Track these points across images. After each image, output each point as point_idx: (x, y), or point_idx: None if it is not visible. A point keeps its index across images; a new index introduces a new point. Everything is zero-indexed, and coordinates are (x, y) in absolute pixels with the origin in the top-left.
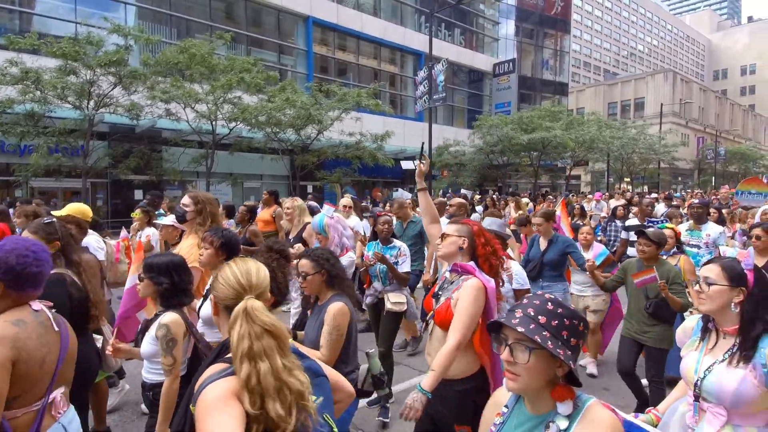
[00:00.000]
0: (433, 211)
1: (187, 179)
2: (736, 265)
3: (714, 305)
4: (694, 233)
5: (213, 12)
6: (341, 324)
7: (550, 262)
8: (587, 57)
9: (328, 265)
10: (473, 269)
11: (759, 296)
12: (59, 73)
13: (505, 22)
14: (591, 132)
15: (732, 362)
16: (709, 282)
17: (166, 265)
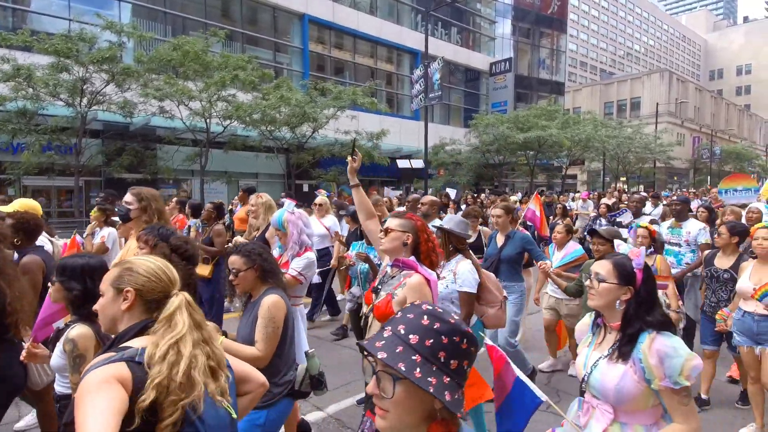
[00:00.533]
0: (367, 208)
1: (182, 177)
2: (627, 263)
3: (602, 302)
4: (675, 231)
5: (208, 9)
6: (277, 316)
7: (507, 258)
8: (584, 56)
9: (260, 259)
10: (415, 264)
11: (643, 296)
12: (51, 70)
13: (501, 21)
14: (587, 131)
15: (612, 358)
16: (599, 278)
17: (80, 268)
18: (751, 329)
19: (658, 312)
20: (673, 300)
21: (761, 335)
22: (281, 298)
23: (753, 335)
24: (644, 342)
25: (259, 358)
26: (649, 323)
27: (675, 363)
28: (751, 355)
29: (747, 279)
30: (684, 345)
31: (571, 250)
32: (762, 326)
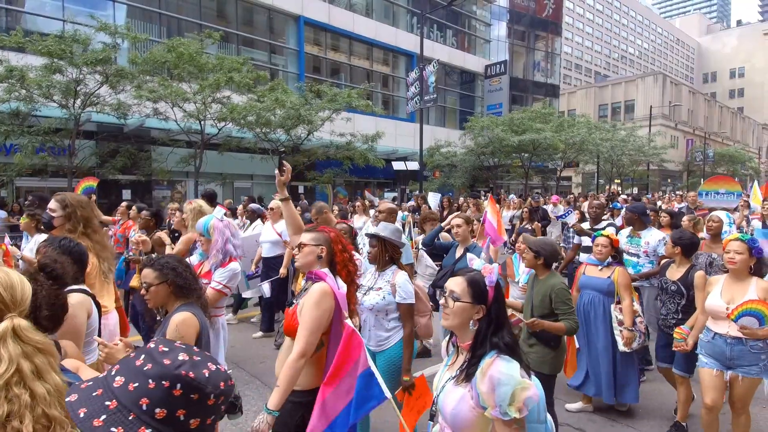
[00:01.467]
0: (295, 222)
1: (176, 179)
2: (481, 280)
3: (455, 321)
4: (633, 240)
5: (203, 11)
6: (185, 336)
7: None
8: (578, 59)
9: (173, 274)
10: (324, 275)
11: (493, 315)
12: (45, 71)
13: (496, 23)
14: (581, 134)
15: (458, 380)
16: (454, 297)
17: None
18: (723, 353)
19: (507, 333)
20: (628, 317)
21: (735, 360)
22: (193, 315)
23: (725, 359)
24: (482, 365)
25: None
26: (494, 345)
27: (504, 391)
28: (719, 380)
29: (718, 296)
30: (518, 371)
31: None
32: (736, 350)
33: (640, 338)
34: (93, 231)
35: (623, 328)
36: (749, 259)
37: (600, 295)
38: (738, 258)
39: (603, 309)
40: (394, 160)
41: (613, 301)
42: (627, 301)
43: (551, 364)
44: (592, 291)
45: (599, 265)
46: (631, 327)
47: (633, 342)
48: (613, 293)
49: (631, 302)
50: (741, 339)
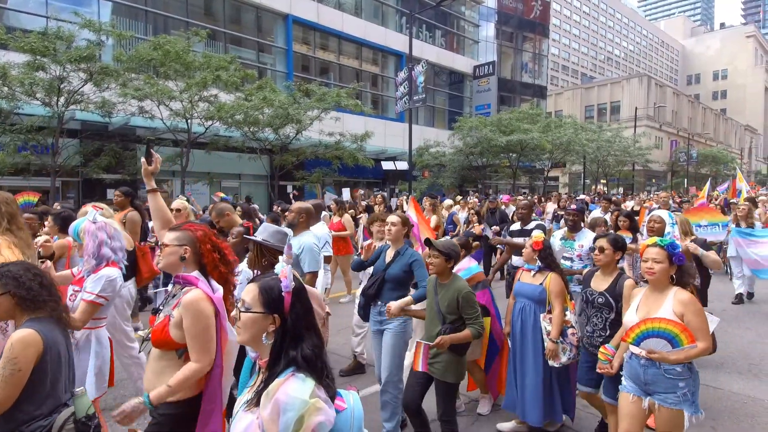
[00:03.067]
0: (163, 216)
1: (162, 178)
2: (276, 286)
3: (247, 335)
4: (567, 243)
5: (190, 9)
6: (20, 356)
7: (392, 278)
8: (565, 61)
9: (14, 284)
10: (195, 279)
11: (290, 326)
12: (27, 68)
13: (485, 24)
14: (567, 135)
15: (251, 404)
16: (245, 307)
17: None
18: (638, 376)
19: (308, 344)
20: (555, 327)
21: (650, 385)
22: (35, 332)
23: (641, 383)
24: (271, 386)
25: None
26: (291, 360)
27: (289, 418)
28: (635, 407)
29: (634, 312)
30: (311, 391)
31: (464, 267)
32: (650, 374)
33: (570, 352)
34: (17, 228)
35: (549, 339)
36: (669, 268)
37: (531, 303)
38: (657, 267)
39: (533, 318)
40: (383, 160)
41: (545, 310)
42: (557, 310)
43: (455, 372)
44: (524, 299)
45: (532, 269)
46: (558, 338)
47: (559, 355)
48: (545, 301)
49: (562, 311)
50: (653, 362)
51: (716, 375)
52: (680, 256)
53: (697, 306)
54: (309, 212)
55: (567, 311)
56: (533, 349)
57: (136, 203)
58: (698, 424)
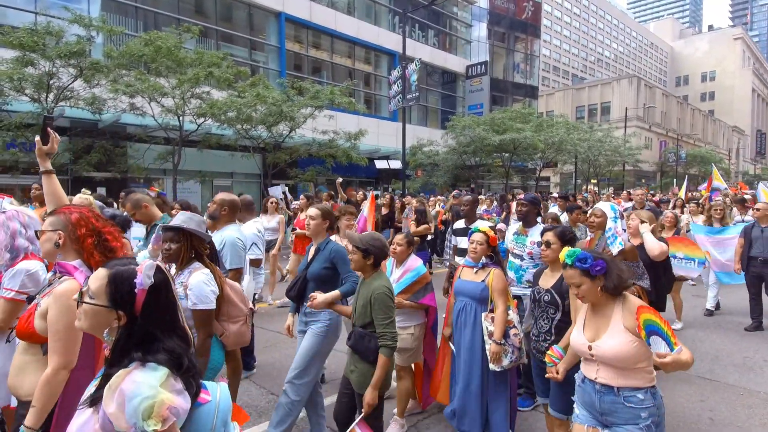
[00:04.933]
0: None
1: (153, 176)
2: (128, 279)
3: (87, 324)
4: (519, 239)
5: (181, 5)
6: None
7: (314, 276)
8: (556, 62)
9: None
10: (74, 269)
11: (139, 327)
12: (16, 64)
13: (477, 24)
14: (559, 134)
15: (86, 402)
16: (89, 295)
17: None
18: (592, 403)
19: (163, 346)
20: (498, 327)
21: (607, 415)
22: None
23: (596, 412)
24: (114, 378)
25: None
26: (135, 359)
27: (134, 405)
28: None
29: (580, 330)
30: (162, 379)
31: (411, 268)
32: (606, 402)
33: (512, 354)
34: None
35: (492, 341)
36: (593, 284)
37: (473, 302)
38: (581, 291)
39: (474, 318)
40: (376, 159)
41: (487, 309)
42: (500, 308)
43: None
44: (465, 297)
45: (474, 267)
46: (501, 340)
47: (502, 359)
48: (487, 300)
49: (505, 310)
50: (612, 388)
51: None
52: (596, 266)
53: (651, 309)
54: (233, 205)
55: (509, 310)
56: (472, 351)
57: None
58: (696, 416)
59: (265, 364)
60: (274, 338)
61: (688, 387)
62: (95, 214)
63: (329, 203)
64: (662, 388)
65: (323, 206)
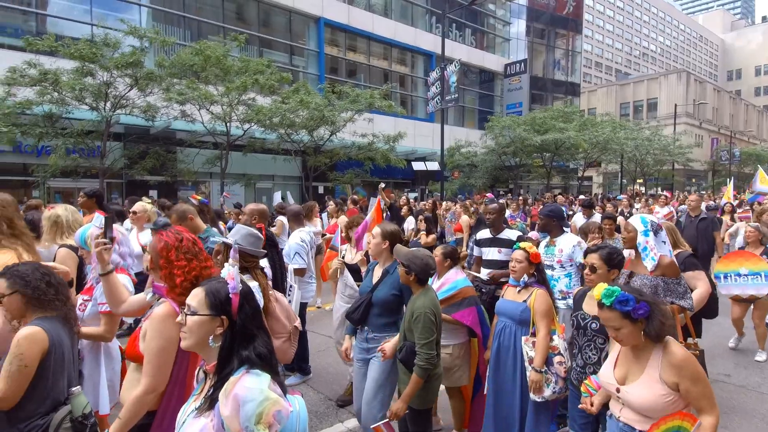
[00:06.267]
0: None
1: (201, 180)
2: (222, 288)
3: (193, 340)
4: (549, 250)
5: (224, 13)
6: (27, 353)
7: (380, 301)
8: (599, 57)
9: (22, 283)
10: (166, 290)
11: (240, 326)
12: (76, 74)
13: (516, 22)
14: (605, 133)
15: (202, 409)
16: (190, 311)
17: None
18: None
19: (260, 342)
20: (539, 353)
21: None
22: (41, 330)
23: None
24: (227, 384)
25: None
26: (243, 359)
27: (249, 408)
28: None
29: (611, 367)
30: (268, 384)
31: (450, 280)
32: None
33: (556, 384)
34: (20, 232)
35: (531, 368)
36: (634, 327)
37: (512, 323)
38: (621, 335)
39: (514, 341)
40: (413, 160)
41: (528, 332)
42: (542, 332)
43: (418, 399)
44: (505, 318)
45: (517, 285)
46: (542, 368)
47: (544, 388)
48: (527, 322)
49: (548, 335)
50: (633, 429)
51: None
52: (638, 309)
53: (694, 369)
54: (262, 213)
55: (554, 335)
56: (511, 378)
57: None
58: None
59: (320, 369)
60: (326, 342)
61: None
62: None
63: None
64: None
65: (386, 226)
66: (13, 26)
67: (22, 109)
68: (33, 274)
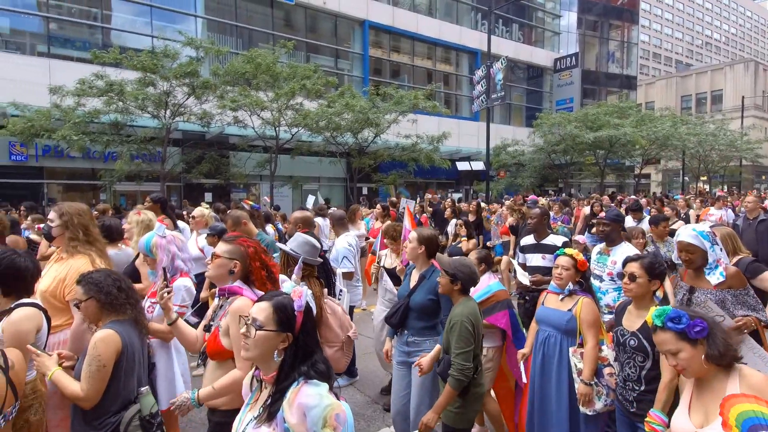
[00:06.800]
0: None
1: (252, 182)
2: (289, 305)
3: (256, 352)
4: (601, 259)
5: (273, 21)
6: (103, 354)
7: (417, 306)
8: (657, 48)
9: (96, 289)
10: (239, 289)
11: (302, 342)
12: (139, 84)
13: (566, 14)
14: (665, 128)
15: (261, 419)
16: (257, 325)
17: None
18: None
19: (319, 359)
20: (588, 365)
21: None
22: (115, 333)
23: None
24: (288, 396)
25: (80, 398)
26: (303, 374)
27: (315, 414)
28: None
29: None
30: (326, 392)
31: (483, 286)
32: None
33: (607, 396)
34: (95, 239)
35: (580, 380)
36: (695, 351)
37: (557, 332)
38: (680, 361)
39: (559, 352)
40: (457, 160)
41: (575, 343)
42: (590, 343)
43: (456, 416)
44: (549, 327)
45: (560, 293)
46: (592, 380)
47: (593, 401)
48: (574, 332)
49: (597, 345)
50: None
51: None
52: (694, 326)
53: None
54: (306, 221)
55: (603, 345)
56: (557, 390)
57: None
58: None
59: (366, 372)
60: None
61: None
62: (263, 248)
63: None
64: None
65: (422, 231)
66: (81, 40)
67: (90, 119)
68: (105, 281)
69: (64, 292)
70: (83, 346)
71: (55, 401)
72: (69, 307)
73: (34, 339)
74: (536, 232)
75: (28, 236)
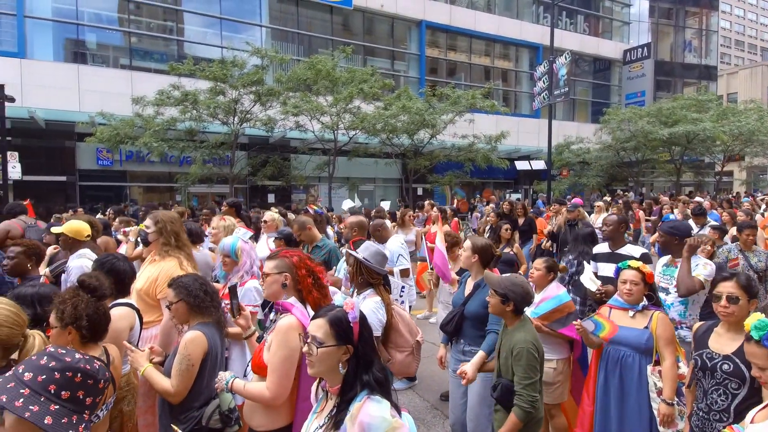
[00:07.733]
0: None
1: (311, 184)
2: (344, 318)
3: (322, 368)
4: (668, 271)
5: (332, 26)
6: (192, 354)
7: (472, 315)
8: (740, 34)
9: (185, 293)
10: (291, 306)
11: (361, 353)
12: (211, 93)
13: (636, 3)
14: (750, 123)
15: (327, 428)
16: (317, 343)
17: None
18: None
19: (377, 368)
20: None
21: None
22: (202, 334)
23: None
24: (352, 410)
25: (170, 393)
26: (365, 384)
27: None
28: None
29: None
30: (389, 411)
31: (551, 295)
32: None
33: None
34: (183, 244)
35: (661, 400)
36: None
37: (635, 353)
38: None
39: (639, 372)
40: (516, 159)
41: (651, 361)
42: (668, 360)
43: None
44: (624, 347)
45: (630, 309)
46: (674, 399)
47: (677, 421)
48: (651, 350)
49: (675, 363)
50: None
51: None
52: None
53: None
54: (361, 225)
55: (679, 362)
56: (639, 412)
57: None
58: None
59: (425, 376)
60: (429, 349)
61: None
62: (307, 255)
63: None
64: None
65: (476, 240)
66: (159, 52)
67: (168, 126)
68: (193, 284)
69: (155, 291)
70: (171, 341)
71: (144, 390)
72: (160, 304)
73: (128, 336)
74: (612, 241)
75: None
